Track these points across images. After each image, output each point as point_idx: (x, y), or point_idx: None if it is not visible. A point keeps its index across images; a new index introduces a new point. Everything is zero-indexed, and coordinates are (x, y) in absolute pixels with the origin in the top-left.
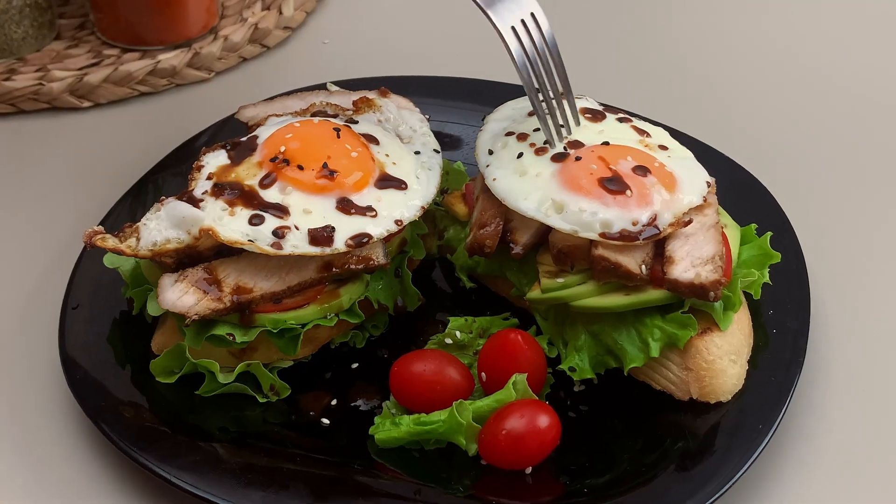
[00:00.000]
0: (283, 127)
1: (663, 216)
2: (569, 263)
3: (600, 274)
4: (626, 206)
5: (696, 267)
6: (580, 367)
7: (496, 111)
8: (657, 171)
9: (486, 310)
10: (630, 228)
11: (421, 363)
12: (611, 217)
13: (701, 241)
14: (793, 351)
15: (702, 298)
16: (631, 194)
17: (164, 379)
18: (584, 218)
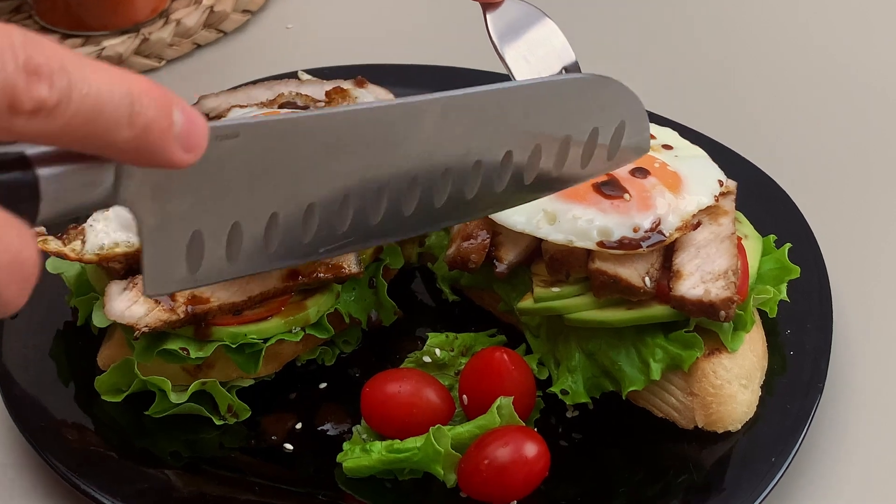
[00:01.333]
0: None
1: (668, 220)
2: (564, 272)
3: (599, 289)
4: (626, 212)
5: (707, 283)
6: (573, 390)
7: None
8: (658, 172)
9: (469, 325)
10: (631, 235)
11: (396, 384)
12: (609, 224)
13: (713, 254)
14: (812, 375)
15: (711, 318)
16: (630, 198)
17: (111, 398)
18: (580, 226)
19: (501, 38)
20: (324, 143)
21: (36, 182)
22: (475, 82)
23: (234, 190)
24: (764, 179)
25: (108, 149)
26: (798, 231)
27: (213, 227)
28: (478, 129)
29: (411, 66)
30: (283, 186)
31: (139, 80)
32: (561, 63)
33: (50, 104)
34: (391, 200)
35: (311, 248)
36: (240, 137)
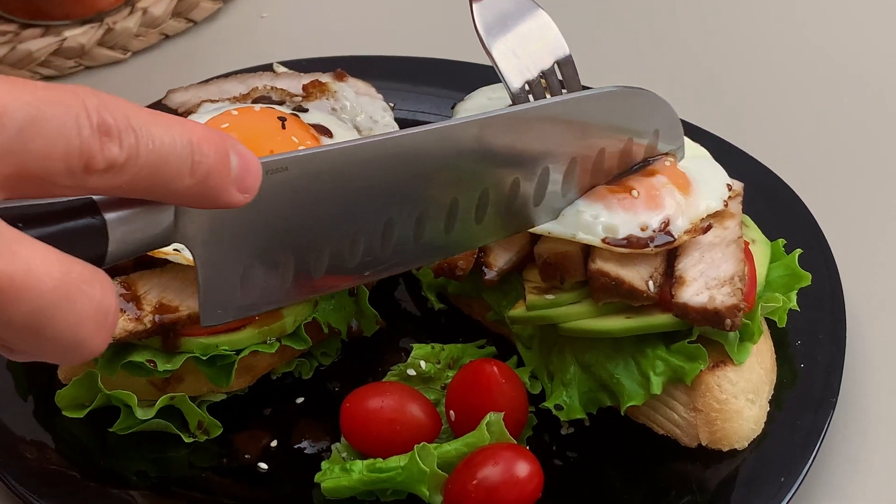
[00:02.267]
0: (217, 115)
1: (677, 221)
2: (558, 277)
3: (599, 292)
4: (633, 209)
5: (711, 289)
6: (568, 406)
7: (467, 100)
8: (667, 171)
9: (457, 336)
10: (638, 234)
11: (378, 398)
12: (615, 221)
13: (718, 259)
14: (823, 389)
15: (716, 326)
16: (638, 195)
17: (73, 413)
18: (584, 220)
19: (488, 31)
20: (369, 171)
21: (104, 226)
22: (462, 75)
23: (284, 221)
24: (772, 180)
25: (170, 196)
26: (809, 235)
27: (265, 257)
28: (516, 148)
29: (395, 59)
30: (331, 215)
31: (198, 128)
32: (553, 57)
33: (120, 162)
34: (434, 222)
35: (356, 272)
36: (288, 170)
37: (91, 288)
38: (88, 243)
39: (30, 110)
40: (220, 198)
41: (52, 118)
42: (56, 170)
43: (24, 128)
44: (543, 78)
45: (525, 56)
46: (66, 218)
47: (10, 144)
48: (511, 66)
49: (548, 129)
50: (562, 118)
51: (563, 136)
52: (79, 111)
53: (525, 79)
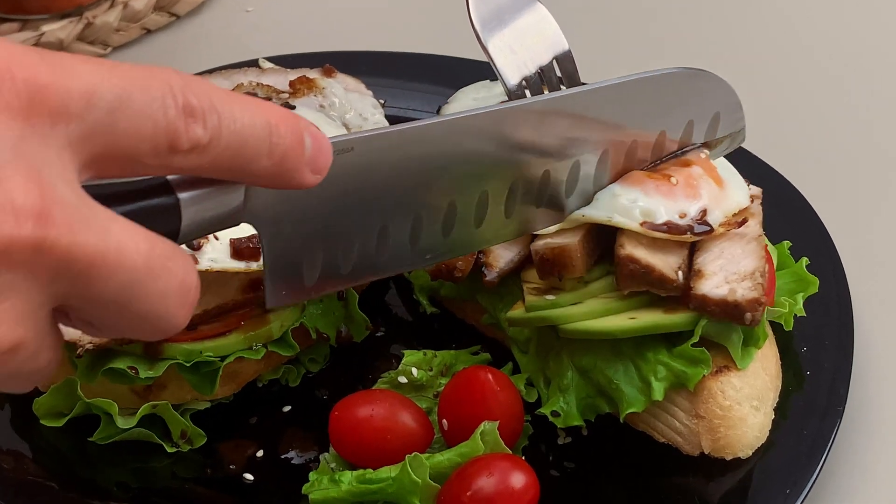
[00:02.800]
0: None
1: (714, 213)
2: (556, 274)
3: (626, 279)
4: (672, 196)
5: (731, 283)
6: (565, 412)
7: (452, 102)
8: (702, 163)
9: (450, 342)
10: (678, 221)
11: (368, 407)
12: (654, 206)
13: (738, 255)
14: (830, 397)
15: (735, 321)
16: (676, 182)
17: (51, 422)
18: (621, 203)
19: (484, 26)
20: (432, 153)
21: (178, 205)
22: (455, 71)
23: (349, 202)
24: (780, 183)
25: (248, 176)
26: (816, 240)
27: (329, 238)
28: (576, 131)
29: (385, 54)
30: (395, 197)
31: (275, 109)
32: (552, 53)
33: (203, 142)
34: (494, 206)
35: (418, 257)
36: (354, 151)
37: (174, 263)
38: (163, 221)
39: (118, 91)
40: (295, 178)
41: (140, 99)
42: (143, 150)
43: (113, 109)
44: (541, 75)
45: (522, 52)
46: (142, 197)
47: (100, 125)
48: (508, 62)
49: (607, 111)
50: (620, 99)
51: (622, 119)
52: (165, 92)
53: (522, 75)
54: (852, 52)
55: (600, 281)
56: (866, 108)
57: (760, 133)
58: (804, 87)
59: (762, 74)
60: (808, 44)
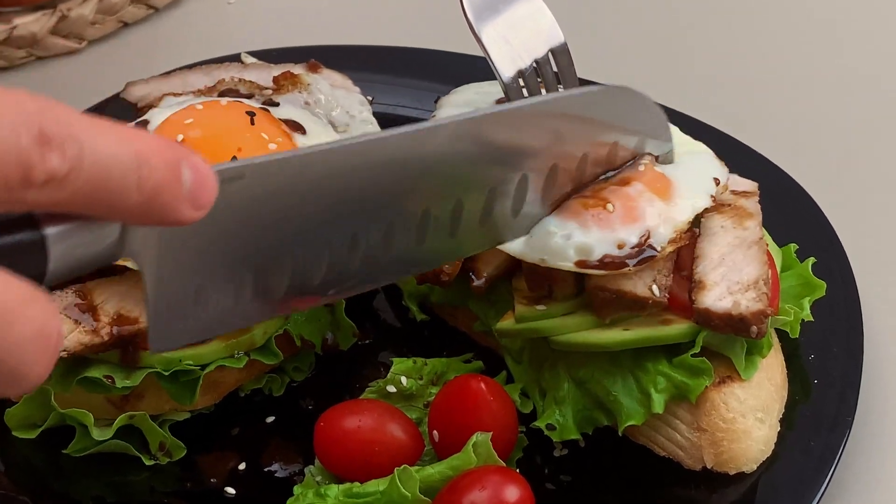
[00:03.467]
0: (181, 110)
1: (659, 232)
2: (545, 287)
3: (603, 309)
4: (609, 225)
5: (735, 294)
6: (561, 425)
7: (454, 94)
8: (643, 176)
9: (441, 349)
10: (615, 252)
11: (355, 417)
12: (589, 240)
13: (740, 262)
14: (839, 407)
15: (740, 334)
16: (613, 209)
17: (24, 434)
18: (555, 243)
19: (478, 16)
20: (335, 179)
21: (44, 242)
22: (447, 66)
23: (241, 233)
24: (783, 180)
25: (115, 213)
26: (823, 240)
27: (220, 274)
28: (492, 154)
29: (373, 48)
30: (293, 227)
31: (147, 139)
32: (547, 45)
33: (61, 174)
34: (404, 234)
35: (320, 290)
36: (245, 178)
37: (32, 309)
38: (27, 261)
39: None
40: (171, 215)
41: None
42: None
43: None
44: (537, 67)
45: (517, 43)
46: (0, 233)
47: None
48: (502, 53)
49: (525, 133)
50: (542, 121)
51: (541, 141)
52: (16, 118)
53: (517, 67)
54: (858, 45)
55: None
56: (874, 102)
57: (761, 126)
58: (808, 79)
59: (764, 66)
60: (814, 34)
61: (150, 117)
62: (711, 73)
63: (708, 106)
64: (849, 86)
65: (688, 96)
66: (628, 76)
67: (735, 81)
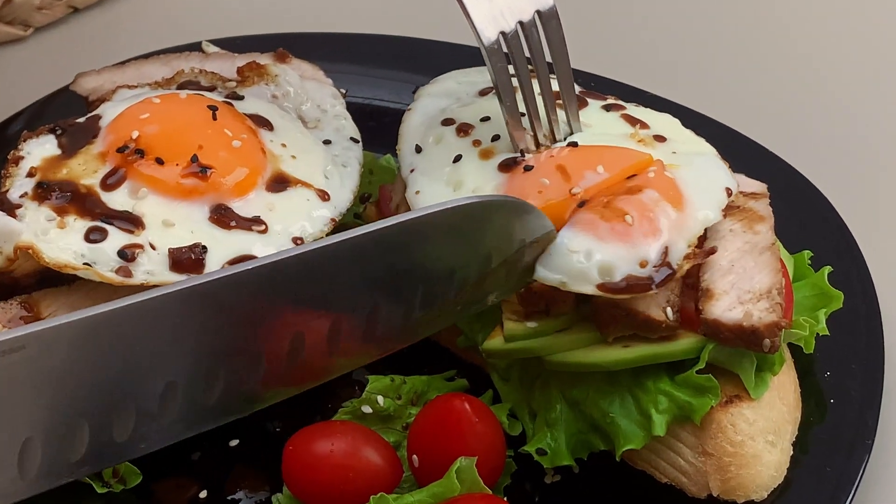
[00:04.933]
0: (136, 104)
1: (676, 246)
2: (542, 305)
3: (609, 326)
4: (629, 239)
5: (745, 304)
6: (554, 450)
7: (434, 83)
8: (655, 182)
9: (421, 366)
10: (638, 272)
11: (327, 441)
12: (611, 258)
13: (750, 269)
14: (857, 429)
15: (751, 347)
16: (632, 220)
17: None
18: (575, 264)
19: None
20: (127, 342)
21: None
22: (426, 55)
23: (24, 404)
24: (796, 180)
25: None
26: (841, 247)
27: (1, 446)
28: (337, 282)
29: (347, 36)
30: (83, 392)
31: None
32: (534, 5)
33: None
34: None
35: (123, 449)
36: (26, 349)
37: None
38: None
39: None
40: None
41: None
42: None
43: None
44: (522, 30)
45: (501, 2)
46: None
47: None
48: (483, 12)
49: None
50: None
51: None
52: None
53: (499, 29)
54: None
55: (589, 303)
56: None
57: (775, 125)
58: (826, 71)
59: (781, 63)
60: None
61: (103, 112)
62: (719, 65)
63: (713, 100)
64: (871, 79)
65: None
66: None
67: (743, 73)
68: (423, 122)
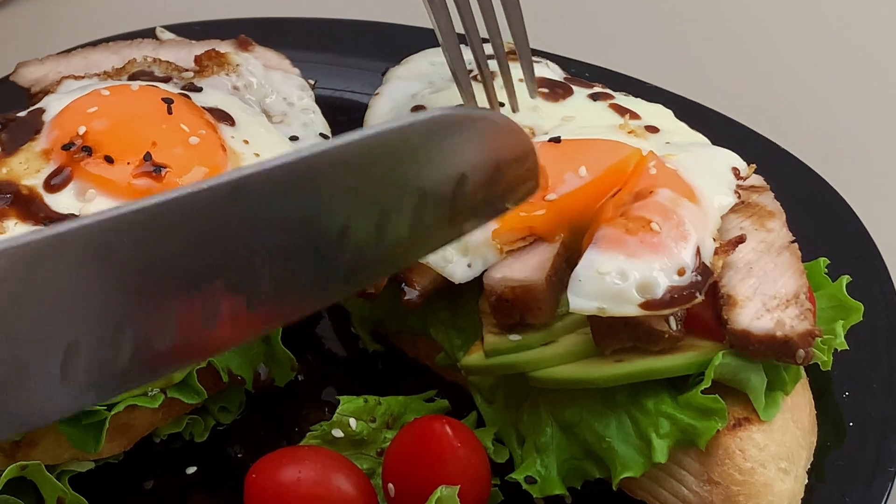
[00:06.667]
0: (83, 96)
1: (706, 243)
2: (517, 316)
3: (606, 338)
4: (661, 248)
5: (773, 311)
6: (544, 478)
7: (405, 64)
8: (663, 179)
9: (398, 385)
10: (679, 282)
11: (294, 468)
12: (648, 272)
13: (771, 271)
14: (878, 455)
15: (783, 359)
16: (659, 227)
17: None
18: (611, 286)
19: None
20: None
21: None
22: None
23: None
24: (812, 180)
25: None
26: (861, 254)
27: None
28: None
29: (315, 21)
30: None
31: None
32: None
33: None
34: None
35: None
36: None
37: None
38: None
39: None
40: None
41: None
42: None
43: None
44: None
45: None
46: None
47: None
48: None
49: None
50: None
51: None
52: None
53: None
54: None
55: None
56: None
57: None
58: (844, 66)
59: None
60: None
61: (46, 105)
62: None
63: (717, 91)
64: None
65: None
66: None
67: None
68: (391, 108)
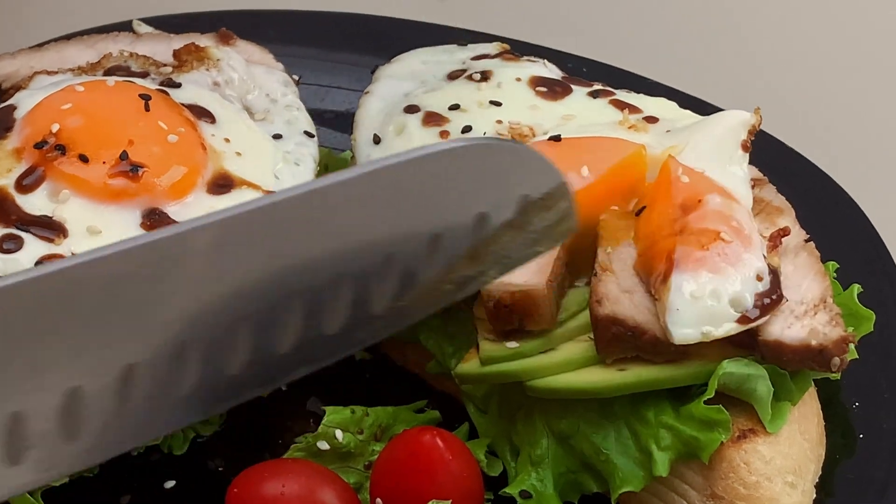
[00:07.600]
0: (57, 92)
1: (755, 239)
2: (515, 321)
3: (608, 345)
4: (737, 258)
5: (802, 318)
6: (540, 492)
7: (396, 62)
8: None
9: (386, 395)
10: (762, 289)
11: (277, 481)
12: (733, 286)
13: (792, 274)
14: (890, 468)
15: (818, 368)
16: (729, 237)
17: None
18: (708, 309)
19: None
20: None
21: None
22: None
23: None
24: (822, 182)
25: None
26: (872, 260)
27: None
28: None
29: (299, 14)
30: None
31: None
32: None
33: None
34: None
35: None
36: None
37: None
38: None
39: None
40: None
41: None
42: None
43: None
44: None
45: None
46: None
47: None
48: None
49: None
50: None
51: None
52: None
53: None
54: None
55: (577, 317)
56: None
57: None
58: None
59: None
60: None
61: (18, 101)
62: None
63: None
64: None
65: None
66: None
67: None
68: (382, 108)
